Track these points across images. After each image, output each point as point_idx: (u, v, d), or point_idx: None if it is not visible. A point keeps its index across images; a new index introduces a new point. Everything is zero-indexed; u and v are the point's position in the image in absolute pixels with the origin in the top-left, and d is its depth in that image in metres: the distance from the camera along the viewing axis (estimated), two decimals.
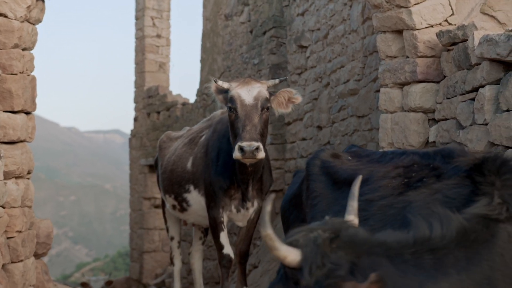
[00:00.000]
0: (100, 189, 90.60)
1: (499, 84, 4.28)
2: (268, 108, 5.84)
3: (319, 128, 8.74)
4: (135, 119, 15.36)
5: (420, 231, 2.12)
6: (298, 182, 3.84)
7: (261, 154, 5.57)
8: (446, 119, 4.99)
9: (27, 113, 5.50)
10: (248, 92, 5.80)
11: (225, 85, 5.96)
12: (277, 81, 6.07)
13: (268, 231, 2.10)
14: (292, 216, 3.78)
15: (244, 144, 5.50)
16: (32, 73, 5.59)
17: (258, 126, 5.68)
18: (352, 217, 2.28)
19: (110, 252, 50.17)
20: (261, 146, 5.58)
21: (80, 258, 61.54)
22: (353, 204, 2.27)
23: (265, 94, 5.85)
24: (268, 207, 2.18)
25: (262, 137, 5.72)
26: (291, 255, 2.09)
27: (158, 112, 14.47)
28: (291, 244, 2.14)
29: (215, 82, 6.00)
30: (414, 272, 2.06)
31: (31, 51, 5.57)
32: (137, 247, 14.80)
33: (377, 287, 1.91)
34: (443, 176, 2.60)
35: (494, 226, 2.21)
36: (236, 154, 5.56)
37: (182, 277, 11.98)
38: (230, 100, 5.82)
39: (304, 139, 9.29)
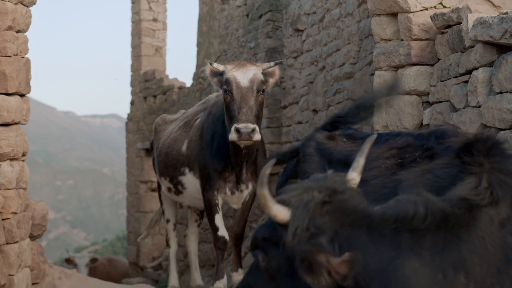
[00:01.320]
0: (97, 174, 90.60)
1: (492, 66, 4.30)
2: (263, 91, 5.85)
3: (315, 111, 8.75)
4: (132, 103, 15.36)
5: (404, 210, 2.15)
6: (293, 163, 3.87)
7: (257, 136, 5.59)
8: (440, 102, 5.00)
9: (22, 95, 5.51)
10: (244, 75, 5.81)
11: (220, 67, 5.97)
12: (272, 64, 6.08)
13: (263, 191, 2.29)
14: None
15: (241, 125, 5.51)
16: (26, 56, 5.58)
17: (254, 108, 5.69)
18: (355, 175, 2.32)
19: (108, 236, 50.30)
20: (257, 128, 5.59)
21: (78, 242, 61.65)
22: (360, 160, 2.28)
23: (261, 77, 5.86)
24: (267, 170, 2.37)
25: (258, 119, 5.74)
26: (281, 214, 2.25)
27: (155, 96, 14.46)
28: (284, 202, 2.27)
29: (211, 64, 6.00)
30: (388, 248, 2.13)
31: (25, 33, 5.57)
32: (134, 230, 14.85)
33: (348, 267, 1.99)
34: (435, 157, 2.62)
35: (477, 210, 2.24)
36: (232, 136, 5.57)
37: (178, 259, 12.05)
38: (225, 83, 5.82)
39: (300, 122, 9.30)
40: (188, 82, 14.67)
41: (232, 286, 6.67)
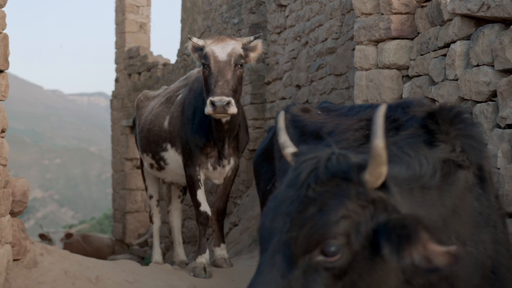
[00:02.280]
0: (85, 152, 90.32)
1: (470, 39, 4.30)
2: (241, 65, 5.87)
3: (298, 87, 8.75)
4: (116, 80, 15.28)
5: (412, 169, 2.18)
6: (270, 136, 3.88)
7: (233, 109, 5.61)
8: (419, 76, 5.01)
9: (0, 71, 5.45)
10: (222, 49, 5.83)
11: (200, 42, 5.97)
12: (252, 38, 6.08)
13: (283, 138, 2.41)
14: (263, 169, 3.83)
15: (216, 98, 5.54)
16: (4, 31, 5.52)
17: (231, 82, 5.72)
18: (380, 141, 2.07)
19: (96, 214, 50.26)
20: (233, 101, 5.60)
21: (66, 220, 61.55)
22: (379, 126, 2.11)
23: (239, 51, 5.87)
24: (281, 121, 2.44)
25: (235, 93, 5.76)
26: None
27: (139, 73, 14.39)
28: (300, 154, 2.19)
29: (190, 39, 5.99)
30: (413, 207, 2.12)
31: (3, 9, 5.49)
32: (120, 207, 14.86)
33: (448, 260, 1.89)
34: (401, 128, 2.64)
35: (457, 171, 2.28)
36: (208, 109, 5.61)
37: (164, 236, 12.08)
38: (204, 57, 5.86)
39: (283, 98, 9.29)
40: (173, 58, 14.62)
41: (214, 261, 6.71)
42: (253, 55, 6.05)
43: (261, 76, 9.99)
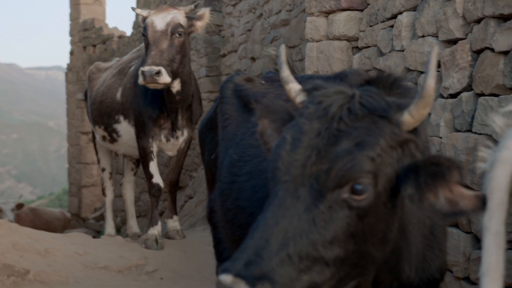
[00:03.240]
0: (43, 127, 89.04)
1: (416, 10, 4.34)
2: (180, 34, 5.84)
3: (253, 59, 8.73)
4: (71, 53, 15.04)
5: None
6: (214, 106, 3.87)
7: (163, 79, 5.62)
8: (368, 47, 5.04)
9: None
10: (162, 19, 5.81)
11: (144, 13, 5.95)
12: (192, 6, 6.08)
13: (285, 72, 2.31)
14: (208, 138, 3.82)
15: (145, 68, 5.55)
16: None
17: (166, 51, 5.70)
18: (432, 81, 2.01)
19: (55, 189, 49.69)
20: (163, 71, 5.60)
21: (24, 196, 60.82)
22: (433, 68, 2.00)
23: (179, 20, 5.85)
24: (283, 55, 2.35)
25: (172, 62, 5.73)
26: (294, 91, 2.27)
27: (94, 46, 14.18)
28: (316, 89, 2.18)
29: (133, 10, 5.97)
30: None
31: None
32: (76, 182, 14.72)
33: (474, 204, 1.88)
34: None
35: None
36: (140, 79, 5.63)
37: (120, 209, 12.02)
38: (144, 28, 5.84)
39: (239, 71, 9.25)
40: (129, 31, 14.42)
41: (167, 233, 6.71)
42: (199, 24, 6.02)
43: (216, 49, 9.94)
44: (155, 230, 6.29)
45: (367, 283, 2.26)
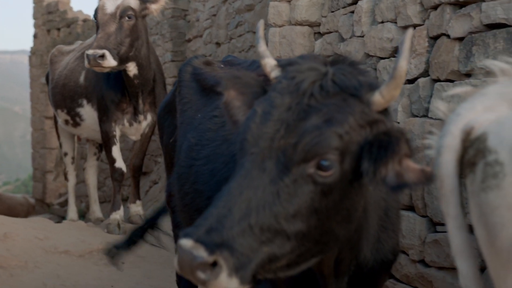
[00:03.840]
0: (8, 112, 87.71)
1: None
2: (130, 17, 5.81)
3: (218, 44, 8.70)
4: (35, 36, 14.80)
5: None
6: (173, 89, 3.86)
7: (108, 62, 5.60)
8: (330, 32, 5.07)
9: None
10: (113, 2, 5.80)
11: None
12: None
13: (262, 47, 2.34)
14: (166, 122, 3.81)
15: (89, 52, 5.55)
16: None
17: (114, 34, 5.68)
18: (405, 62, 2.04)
19: (21, 175, 49.05)
20: (107, 54, 5.59)
21: None
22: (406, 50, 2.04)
23: (129, 3, 5.84)
24: (260, 31, 2.34)
25: (121, 45, 5.71)
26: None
27: (59, 29, 13.97)
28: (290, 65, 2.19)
29: None
30: None
31: None
32: (40, 167, 14.54)
33: (420, 178, 1.90)
34: None
35: None
36: (85, 62, 5.62)
37: (85, 195, 11.92)
38: (95, 11, 5.84)
39: (204, 56, 9.22)
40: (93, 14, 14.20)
41: (130, 217, 6.69)
42: (154, 7, 6.00)
43: (181, 34, 9.88)
44: (117, 215, 6.28)
45: (329, 261, 2.28)
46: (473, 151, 1.78)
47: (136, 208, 6.71)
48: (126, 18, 5.76)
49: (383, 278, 2.70)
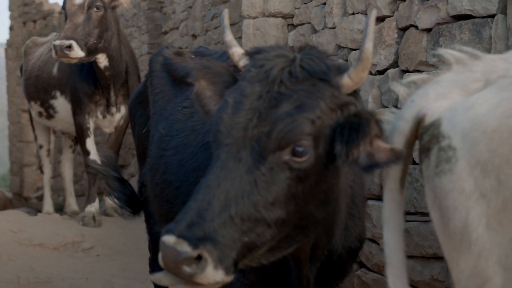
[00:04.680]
0: None
1: None
2: (98, 7, 5.80)
3: (194, 37, 8.68)
4: (11, 28, 14.65)
5: None
6: (145, 80, 3.87)
7: (75, 53, 5.58)
8: (303, 24, 5.08)
9: None
10: None
11: None
12: None
13: (229, 36, 2.35)
14: (138, 113, 3.81)
15: (56, 42, 5.54)
16: None
17: (82, 25, 5.67)
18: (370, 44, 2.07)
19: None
20: (75, 45, 5.57)
21: None
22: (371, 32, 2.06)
23: None
24: (226, 20, 2.39)
25: (89, 37, 5.69)
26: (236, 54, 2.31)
27: (35, 21, 13.84)
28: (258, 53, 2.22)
29: None
30: None
31: None
32: (17, 160, 14.43)
33: (389, 158, 1.94)
34: None
35: None
36: (53, 53, 5.61)
37: (62, 189, 11.86)
38: (63, 1, 5.81)
39: (180, 48, 9.20)
40: None
41: (105, 210, 6.69)
42: None
43: (158, 26, 9.84)
44: (93, 208, 6.27)
45: (307, 246, 2.31)
46: (427, 137, 1.83)
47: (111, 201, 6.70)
48: (95, 9, 5.74)
49: (350, 265, 2.75)
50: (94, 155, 6.35)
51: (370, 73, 4.02)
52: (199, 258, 1.84)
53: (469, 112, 1.70)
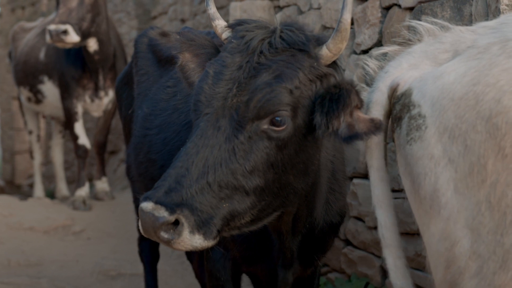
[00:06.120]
0: None
1: None
2: None
3: (183, 21, 8.67)
4: None
5: None
6: (131, 61, 3.88)
7: (71, 38, 5.59)
8: (289, 6, 5.09)
9: None
10: None
11: None
12: None
13: (212, 9, 2.39)
14: (124, 94, 3.83)
15: (51, 27, 5.53)
16: None
17: (75, 10, 5.66)
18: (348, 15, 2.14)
19: None
20: (70, 29, 5.57)
21: None
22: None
23: None
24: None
25: (82, 21, 5.70)
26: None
27: (23, 8, 13.78)
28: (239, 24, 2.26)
29: None
30: None
31: None
32: (8, 148, 14.40)
33: (369, 128, 1.98)
34: None
35: None
36: (47, 38, 5.60)
37: (54, 175, 11.86)
38: None
39: (159, 27, 9.18)
40: None
41: (95, 194, 6.71)
42: None
43: (147, 11, 9.82)
44: (83, 191, 6.29)
45: (288, 218, 2.35)
46: (399, 106, 1.86)
47: (102, 185, 6.73)
48: None
49: (332, 240, 2.78)
50: (83, 140, 6.36)
51: (355, 53, 4.05)
52: (176, 223, 1.87)
53: (438, 81, 1.74)
